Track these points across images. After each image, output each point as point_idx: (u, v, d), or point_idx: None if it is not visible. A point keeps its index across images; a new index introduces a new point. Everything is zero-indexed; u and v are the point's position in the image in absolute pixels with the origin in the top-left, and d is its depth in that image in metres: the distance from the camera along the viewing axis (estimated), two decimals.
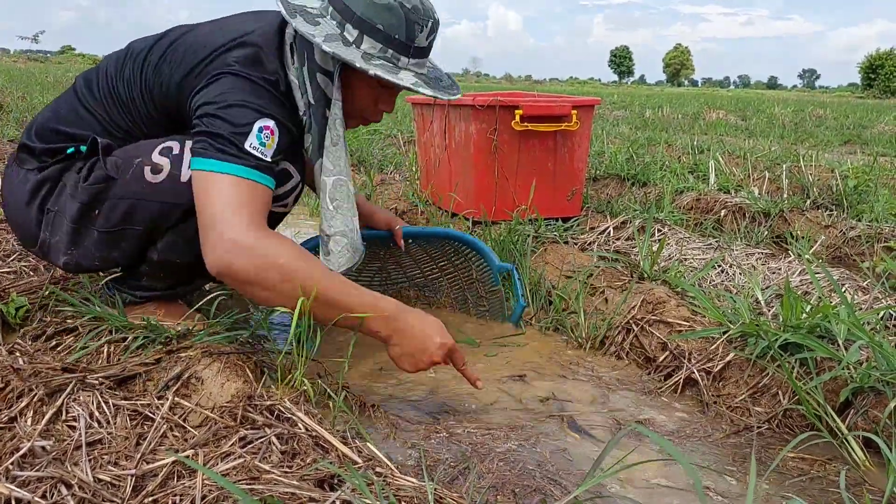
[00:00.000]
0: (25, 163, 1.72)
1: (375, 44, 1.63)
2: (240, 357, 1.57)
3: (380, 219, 2.24)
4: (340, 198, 1.77)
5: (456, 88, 1.83)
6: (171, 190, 1.61)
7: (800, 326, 1.77)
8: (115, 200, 1.63)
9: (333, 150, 1.74)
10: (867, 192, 3.71)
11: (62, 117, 1.72)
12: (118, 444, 1.24)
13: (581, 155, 3.18)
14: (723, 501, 1.39)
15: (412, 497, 1.14)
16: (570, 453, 1.54)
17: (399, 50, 1.66)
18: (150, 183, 1.61)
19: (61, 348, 1.59)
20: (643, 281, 2.37)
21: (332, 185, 1.75)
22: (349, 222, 1.79)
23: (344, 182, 1.76)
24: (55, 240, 1.68)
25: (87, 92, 1.73)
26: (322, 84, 1.68)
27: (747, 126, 9.88)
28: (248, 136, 1.52)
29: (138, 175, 1.61)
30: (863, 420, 1.57)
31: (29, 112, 7.40)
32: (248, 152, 1.52)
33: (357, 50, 1.62)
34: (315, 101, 1.68)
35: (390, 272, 2.46)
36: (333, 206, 1.77)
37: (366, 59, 1.62)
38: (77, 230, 1.66)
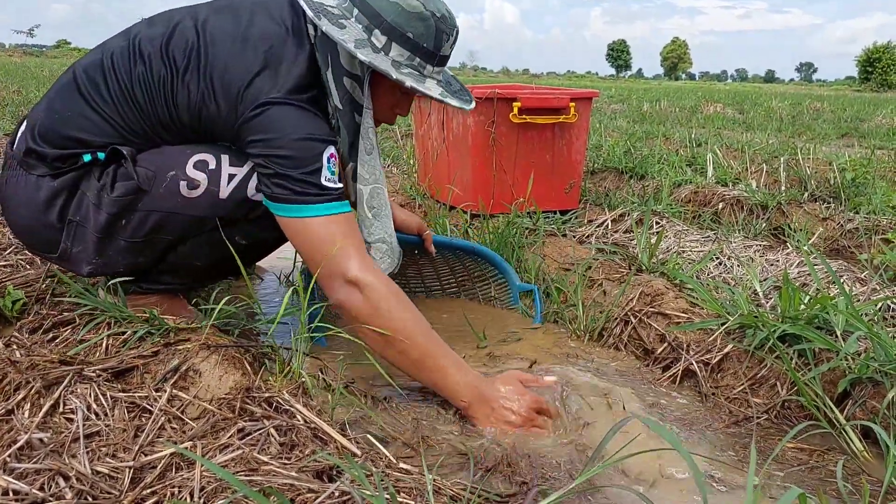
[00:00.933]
0: (34, 168, 1.64)
1: (403, 51, 1.63)
2: (238, 349, 1.57)
3: (412, 223, 2.24)
4: (378, 205, 1.80)
5: (468, 95, 1.85)
6: (209, 206, 1.63)
7: (798, 318, 1.77)
8: (146, 212, 1.63)
9: (368, 158, 1.76)
10: (865, 185, 3.71)
11: (70, 120, 1.63)
12: (116, 437, 1.24)
13: (579, 147, 3.18)
14: (722, 491, 1.39)
15: (411, 488, 1.14)
16: (570, 443, 1.54)
17: (425, 58, 1.66)
18: (185, 198, 1.62)
19: (58, 341, 1.58)
20: (641, 273, 2.37)
21: (369, 193, 1.78)
22: (388, 228, 1.83)
23: (380, 190, 1.79)
24: (77, 249, 1.66)
25: (94, 92, 1.64)
26: (349, 88, 1.66)
27: (745, 119, 9.87)
28: (322, 171, 1.56)
29: (173, 190, 1.61)
30: (861, 410, 1.57)
31: (24, 106, 7.38)
32: (327, 188, 1.56)
33: (386, 58, 1.61)
34: (343, 106, 1.66)
35: (409, 279, 2.46)
36: (372, 215, 1.79)
37: (395, 66, 1.62)
38: (102, 240, 1.65)
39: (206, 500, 1.06)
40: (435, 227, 2.96)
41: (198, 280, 1.81)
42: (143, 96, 1.62)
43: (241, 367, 1.53)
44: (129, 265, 1.69)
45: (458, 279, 2.44)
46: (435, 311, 2.33)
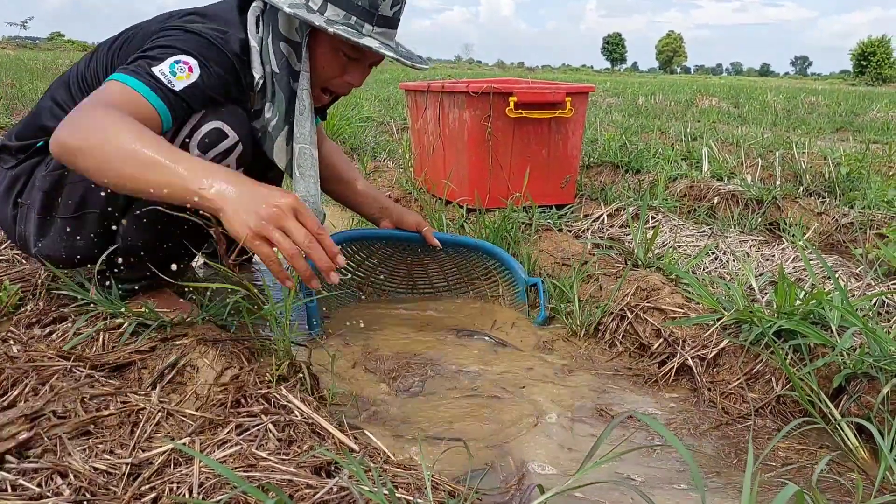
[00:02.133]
0: (6, 162, 1.73)
1: (339, 11, 1.67)
2: (235, 345, 1.57)
3: (410, 220, 2.25)
4: (304, 165, 1.81)
5: (423, 62, 1.84)
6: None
7: (793, 313, 1.77)
8: (71, 185, 1.63)
9: (301, 118, 1.78)
10: (860, 179, 3.72)
11: (36, 114, 1.75)
12: (113, 433, 1.24)
13: (575, 142, 3.18)
14: (719, 486, 1.40)
15: (409, 483, 1.15)
16: (567, 439, 1.55)
17: (362, 17, 1.69)
18: None
19: (55, 336, 1.58)
20: (637, 268, 2.37)
21: (297, 152, 1.80)
22: (311, 188, 1.83)
23: (308, 150, 1.81)
24: (27, 232, 1.70)
25: (60, 88, 1.75)
26: (285, 52, 1.71)
27: (740, 113, 9.88)
28: (161, 62, 1.49)
29: None
30: (856, 406, 1.58)
31: (18, 99, 7.34)
32: (154, 74, 1.47)
33: (321, 16, 1.66)
34: (279, 70, 1.71)
35: (416, 280, 2.46)
36: (299, 173, 1.81)
37: (328, 23, 1.65)
38: (42, 220, 1.67)
39: (205, 495, 1.06)
40: (431, 221, 2.95)
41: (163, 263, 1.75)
42: (91, 77, 1.70)
43: (238, 362, 1.53)
44: (69, 247, 1.67)
45: (464, 276, 2.44)
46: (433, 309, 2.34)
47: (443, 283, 2.46)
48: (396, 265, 2.41)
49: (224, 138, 1.61)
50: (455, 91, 3.07)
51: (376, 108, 8.09)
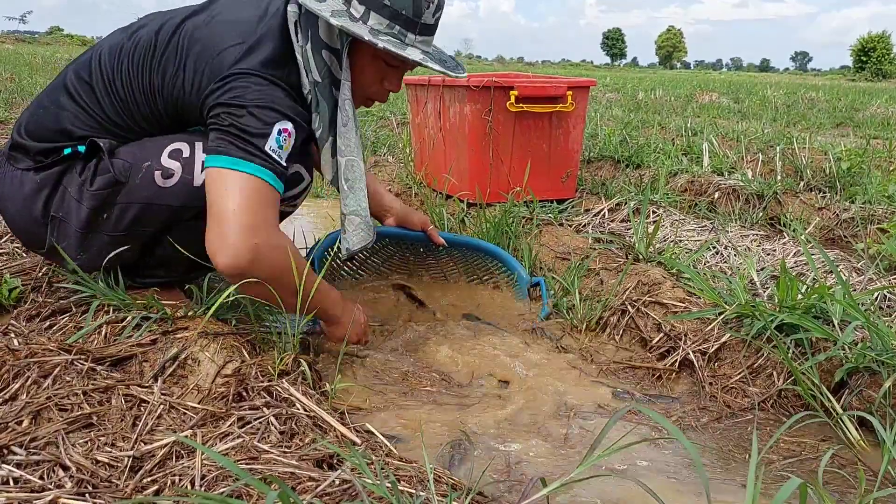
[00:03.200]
0: (19, 162, 1.66)
1: (382, 20, 1.62)
2: (236, 338, 1.56)
3: (414, 220, 2.25)
4: (353, 178, 1.80)
5: (462, 69, 1.82)
6: (184, 194, 1.60)
7: (795, 307, 1.77)
8: (125, 205, 1.60)
9: (344, 130, 1.75)
10: (860, 175, 3.71)
11: (54, 114, 1.66)
12: (115, 426, 1.24)
13: (576, 136, 3.17)
14: (722, 479, 1.40)
15: (411, 476, 1.14)
16: (568, 433, 1.55)
17: (406, 26, 1.64)
18: (160, 188, 1.59)
19: (56, 328, 1.58)
20: (638, 262, 2.37)
21: (345, 165, 1.78)
22: (361, 202, 1.83)
23: (356, 162, 1.79)
24: (63, 245, 1.64)
25: (80, 87, 1.66)
26: (327, 61, 1.67)
27: (740, 109, 9.86)
28: (268, 138, 1.51)
29: (149, 180, 1.59)
30: (857, 400, 1.58)
31: (18, 93, 7.33)
32: (267, 154, 1.51)
33: (364, 26, 1.60)
34: (321, 79, 1.67)
35: (421, 276, 2.46)
36: (347, 187, 1.80)
37: (373, 34, 1.61)
38: (85, 235, 1.63)
39: (207, 488, 1.06)
40: (431, 216, 2.95)
41: (189, 271, 1.77)
42: (123, 89, 1.63)
43: (239, 356, 1.53)
44: (114, 260, 1.66)
45: (466, 276, 2.44)
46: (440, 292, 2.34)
47: (445, 281, 2.46)
48: (399, 264, 2.41)
49: (301, 181, 1.73)
50: (456, 85, 3.06)
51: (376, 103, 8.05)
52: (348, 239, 1.84)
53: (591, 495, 1.31)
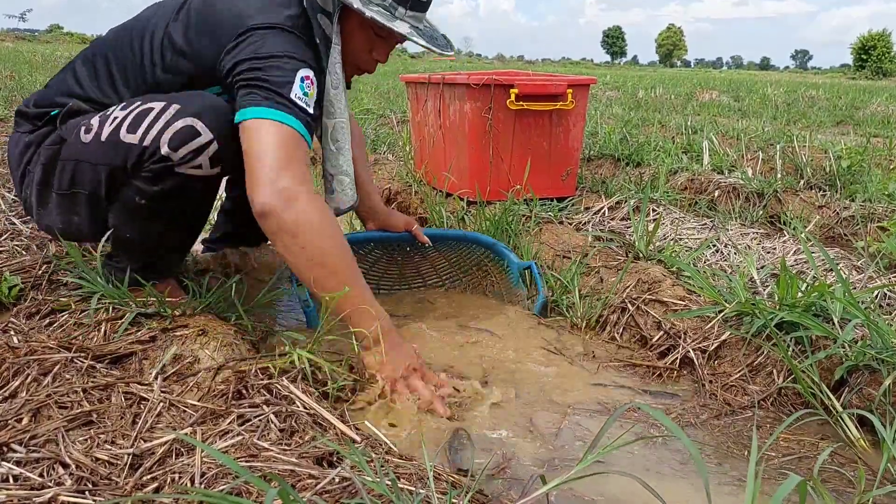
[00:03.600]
0: (20, 126, 1.77)
1: None
2: (236, 335, 1.56)
3: (398, 221, 2.25)
4: (341, 139, 1.82)
5: (450, 47, 1.84)
6: (96, 150, 1.61)
7: (795, 305, 1.77)
8: (64, 162, 1.66)
9: (334, 92, 1.78)
10: (860, 173, 3.71)
11: (59, 88, 1.77)
12: (114, 423, 1.24)
13: (576, 134, 3.17)
14: (722, 476, 1.40)
15: (411, 474, 1.14)
16: (567, 431, 1.55)
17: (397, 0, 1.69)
18: (82, 143, 1.63)
19: (56, 326, 1.58)
20: (638, 261, 2.37)
21: (333, 127, 1.80)
22: (349, 161, 1.85)
23: (344, 123, 1.81)
24: (31, 200, 1.74)
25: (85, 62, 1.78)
26: (322, 24, 1.71)
27: (740, 107, 9.86)
28: (293, 85, 1.55)
29: (77, 135, 1.64)
30: (857, 398, 1.58)
31: (18, 91, 7.32)
32: (294, 101, 1.54)
33: None
34: (319, 41, 1.70)
35: (410, 280, 2.45)
36: (335, 148, 1.82)
37: (363, 2, 1.66)
38: (41, 192, 1.71)
39: (207, 485, 1.06)
40: (431, 214, 2.95)
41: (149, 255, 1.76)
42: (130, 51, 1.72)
43: (239, 353, 1.53)
44: (66, 222, 1.70)
45: (456, 269, 2.43)
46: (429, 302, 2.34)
47: (435, 278, 2.45)
48: (388, 266, 2.40)
49: (196, 136, 1.57)
50: (456, 83, 3.06)
51: (376, 101, 8.07)
52: (335, 199, 1.86)
53: (591, 492, 1.31)
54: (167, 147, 1.55)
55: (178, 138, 1.55)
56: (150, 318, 1.61)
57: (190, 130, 1.56)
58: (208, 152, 1.59)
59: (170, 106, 1.56)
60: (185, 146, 1.56)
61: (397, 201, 3.67)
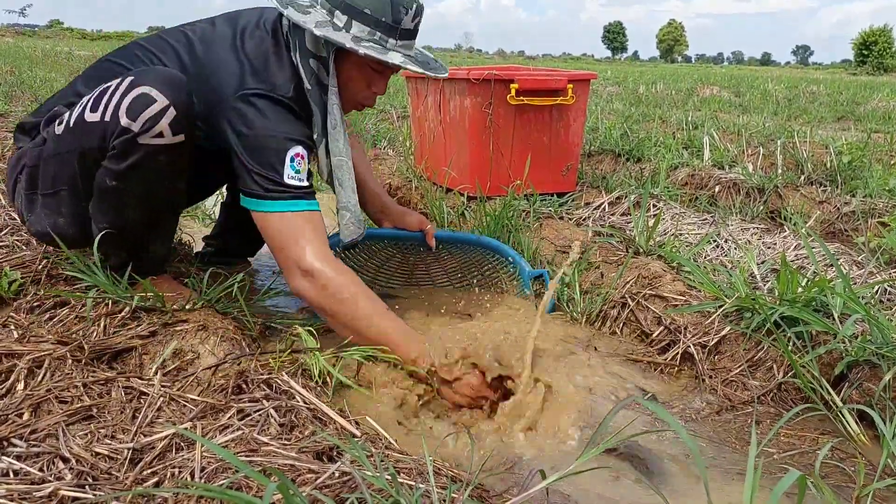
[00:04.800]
0: (18, 140, 1.82)
1: (364, 27, 1.72)
2: (236, 331, 1.56)
3: (412, 220, 2.27)
4: (342, 177, 1.89)
5: (444, 69, 1.91)
6: (67, 137, 1.64)
7: (795, 300, 1.77)
8: (44, 161, 1.68)
9: (334, 133, 1.84)
10: (861, 168, 3.71)
11: (57, 101, 1.80)
12: (114, 418, 1.24)
13: (576, 129, 3.17)
14: (721, 472, 1.40)
15: (411, 469, 1.14)
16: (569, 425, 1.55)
17: (386, 32, 1.74)
18: (56, 136, 1.65)
19: (55, 321, 1.58)
20: (639, 256, 2.37)
21: (335, 164, 1.87)
22: (351, 198, 1.92)
23: (344, 162, 1.88)
24: (22, 207, 1.77)
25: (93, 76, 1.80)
26: (315, 69, 1.77)
27: (741, 102, 9.84)
28: (284, 169, 1.67)
29: (52, 133, 1.67)
30: (857, 393, 1.58)
31: (18, 87, 7.32)
32: (288, 185, 1.67)
33: (347, 34, 1.71)
34: (311, 87, 1.77)
35: (419, 280, 2.46)
36: (338, 184, 1.90)
37: (355, 41, 1.70)
38: (29, 196, 1.74)
39: (207, 480, 1.06)
40: (431, 209, 2.95)
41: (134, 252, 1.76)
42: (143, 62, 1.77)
43: (239, 349, 1.53)
44: (54, 224, 1.72)
45: (466, 273, 2.43)
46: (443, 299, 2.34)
47: (445, 280, 2.45)
48: (399, 266, 2.41)
49: (152, 102, 1.57)
50: (456, 78, 3.05)
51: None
52: (342, 232, 1.96)
53: (591, 487, 1.31)
54: (126, 118, 1.55)
55: (134, 107, 1.56)
56: (150, 313, 1.61)
57: (145, 98, 1.57)
58: (167, 117, 1.59)
59: (125, 80, 1.59)
60: (142, 114, 1.56)
61: (398, 196, 3.66)
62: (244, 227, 2.40)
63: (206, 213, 3.16)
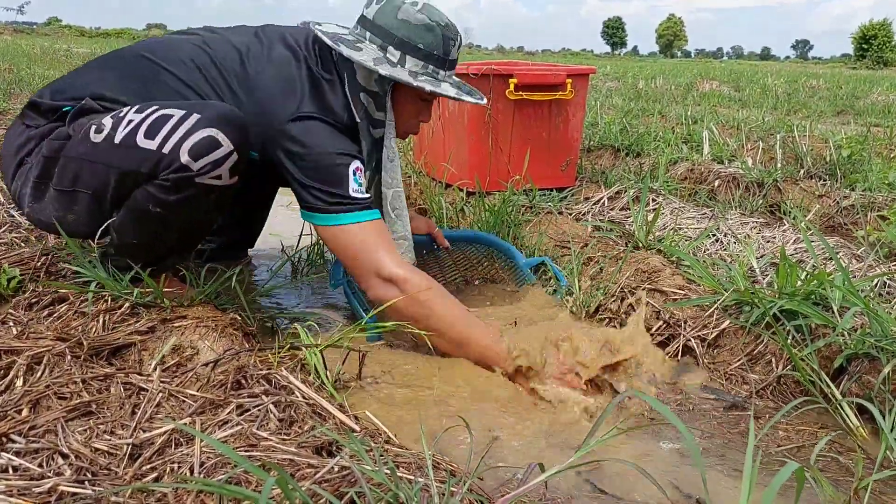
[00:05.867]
0: (27, 118, 1.76)
1: (417, 62, 1.77)
2: (235, 326, 1.56)
3: (421, 224, 2.30)
4: (399, 207, 1.95)
5: (479, 94, 1.95)
6: (107, 152, 1.59)
7: (795, 294, 1.77)
8: (67, 159, 1.64)
9: (391, 165, 1.91)
10: (860, 162, 3.70)
11: (78, 84, 1.76)
12: (113, 414, 1.24)
13: (576, 124, 3.16)
14: (720, 465, 1.40)
15: (410, 463, 1.15)
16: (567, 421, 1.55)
17: (437, 65, 1.80)
18: (91, 143, 1.61)
19: (54, 317, 1.58)
20: (638, 250, 2.37)
21: (392, 196, 1.93)
22: (407, 227, 1.98)
23: (400, 193, 1.95)
24: (23, 191, 1.72)
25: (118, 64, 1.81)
26: (365, 102, 1.80)
27: (741, 97, 9.84)
28: (349, 182, 1.70)
29: (85, 134, 1.62)
30: (857, 386, 1.58)
31: (16, 84, 7.31)
32: (355, 198, 1.70)
33: (403, 69, 1.76)
34: (361, 119, 1.81)
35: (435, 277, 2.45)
36: (395, 215, 1.95)
37: (412, 76, 1.75)
38: (38, 185, 1.70)
39: (206, 475, 1.06)
40: (430, 205, 2.95)
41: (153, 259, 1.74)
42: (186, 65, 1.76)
43: (238, 344, 1.53)
44: (61, 218, 1.68)
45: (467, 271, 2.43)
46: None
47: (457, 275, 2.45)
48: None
49: (217, 147, 1.56)
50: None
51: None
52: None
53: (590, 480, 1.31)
54: (187, 156, 1.53)
55: (198, 148, 1.54)
56: (149, 308, 1.61)
57: (211, 141, 1.55)
58: (228, 163, 1.59)
59: (190, 114, 1.55)
60: (205, 157, 1.55)
61: None
62: (243, 222, 2.41)
63: None
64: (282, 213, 2.43)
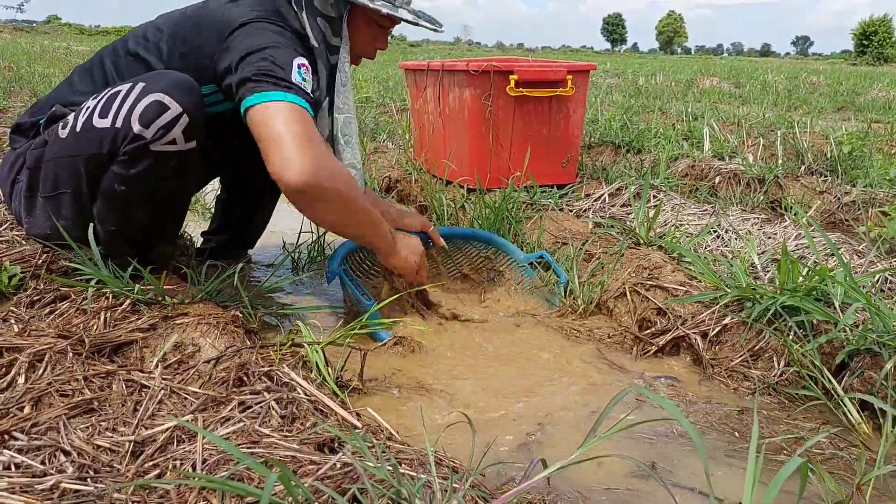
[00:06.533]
0: (15, 142, 1.82)
1: None
2: (236, 323, 1.56)
3: (415, 223, 2.24)
4: (349, 133, 1.93)
5: (439, 24, 1.98)
6: (72, 141, 1.62)
7: (796, 289, 1.77)
8: (46, 163, 1.68)
9: (343, 90, 1.89)
10: (861, 158, 3.70)
11: (53, 99, 1.79)
12: (115, 411, 1.24)
13: (576, 121, 3.16)
14: (723, 461, 1.40)
15: (412, 459, 1.15)
16: (569, 415, 1.55)
17: None
18: (61, 140, 1.64)
19: (56, 315, 1.58)
20: (639, 247, 2.37)
21: (342, 122, 1.91)
22: (357, 154, 1.95)
23: (352, 120, 1.92)
24: (20, 209, 1.77)
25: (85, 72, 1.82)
26: (322, 27, 1.81)
27: (741, 93, 9.83)
28: (292, 69, 1.61)
29: (56, 135, 1.66)
30: (859, 382, 1.58)
31: (15, 82, 7.30)
32: (294, 83, 1.60)
33: None
34: (318, 44, 1.81)
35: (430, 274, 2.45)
36: (344, 141, 1.92)
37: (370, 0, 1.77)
38: (29, 198, 1.73)
39: (209, 472, 1.06)
40: (431, 201, 2.94)
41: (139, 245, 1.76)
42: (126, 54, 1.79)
43: (240, 341, 1.53)
44: (54, 227, 1.71)
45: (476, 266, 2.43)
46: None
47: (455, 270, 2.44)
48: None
49: (165, 110, 1.57)
50: (455, 70, 3.04)
51: (376, 89, 8.04)
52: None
53: (593, 476, 1.31)
54: (138, 125, 1.55)
55: (147, 114, 1.55)
56: (151, 306, 1.61)
57: (158, 106, 1.56)
58: (180, 125, 1.59)
59: (136, 85, 1.58)
60: (155, 122, 1.56)
61: (397, 189, 3.66)
62: (243, 221, 2.41)
63: (206, 206, 3.16)
64: (282, 210, 2.43)
